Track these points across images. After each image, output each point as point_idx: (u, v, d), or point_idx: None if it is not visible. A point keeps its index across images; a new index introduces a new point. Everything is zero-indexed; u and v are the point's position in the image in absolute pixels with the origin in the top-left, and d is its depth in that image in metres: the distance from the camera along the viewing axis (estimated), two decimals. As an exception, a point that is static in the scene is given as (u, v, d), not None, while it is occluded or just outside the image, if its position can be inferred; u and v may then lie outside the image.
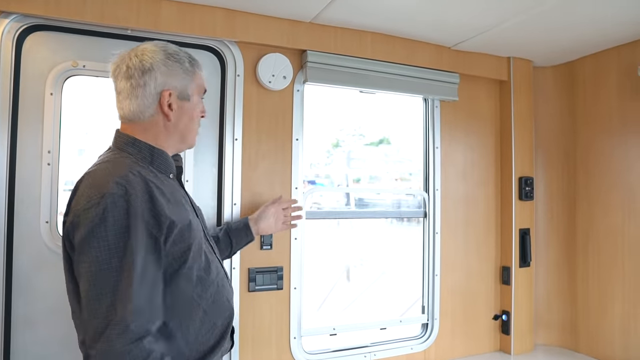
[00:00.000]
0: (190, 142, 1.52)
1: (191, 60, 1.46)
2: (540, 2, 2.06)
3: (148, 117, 1.40)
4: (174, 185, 1.47)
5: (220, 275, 1.50)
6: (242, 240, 2.03)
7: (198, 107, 1.49)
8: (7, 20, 1.85)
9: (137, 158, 1.38)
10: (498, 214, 2.87)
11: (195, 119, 1.49)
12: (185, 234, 1.34)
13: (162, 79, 1.38)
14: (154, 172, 1.39)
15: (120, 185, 1.23)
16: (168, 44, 1.45)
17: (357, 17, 2.27)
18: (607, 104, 2.64)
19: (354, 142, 11.46)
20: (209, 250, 1.51)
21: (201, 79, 1.50)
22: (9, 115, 1.87)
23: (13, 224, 1.88)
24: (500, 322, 2.83)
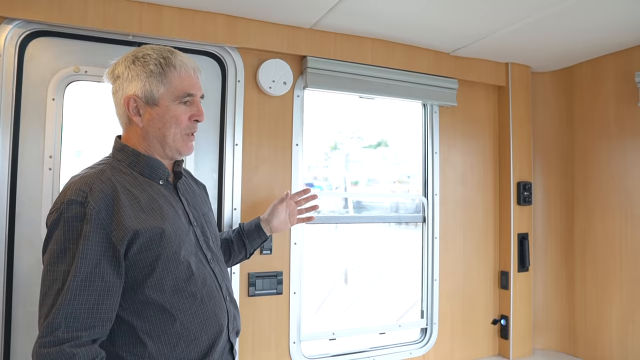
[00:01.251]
0: (176, 150, 1.45)
1: (161, 62, 1.39)
2: (538, 10, 2.08)
3: (125, 124, 1.44)
4: (162, 191, 1.43)
5: (207, 287, 1.43)
6: (255, 240, 1.96)
7: (171, 111, 1.41)
8: (10, 26, 1.86)
9: (123, 164, 1.40)
10: (497, 219, 2.89)
11: (171, 125, 1.41)
12: (154, 244, 1.32)
13: (125, 85, 1.39)
14: (138, 178, 1.39)
15: (81, 192, 1.26)
16: (148, 47, 1.42)
17: (356, 24, 2.29)
18: (605, 110, 2.66)
19: (352, 145, 11.48)
20: (199, 260, 1.45)
21: (177, 80, 1.40)
22: (12, 120, 1.88)
23: (14, 229, 1.88)
24: (498, 326, 2.85)
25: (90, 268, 1.22)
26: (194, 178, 1.78)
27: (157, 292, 1.32)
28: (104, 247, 1.24)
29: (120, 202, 1.29)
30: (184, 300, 1.36)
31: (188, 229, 1.45)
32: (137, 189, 1.36)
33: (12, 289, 1.87)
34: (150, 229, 1.31)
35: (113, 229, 1.26)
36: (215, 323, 1.42)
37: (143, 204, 1.34)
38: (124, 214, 1.27)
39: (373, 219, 3.09)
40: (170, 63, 1.40)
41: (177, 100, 1.41)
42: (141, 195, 1.35)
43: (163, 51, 1.42)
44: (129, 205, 1.30)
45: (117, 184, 1.32)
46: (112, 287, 1.26)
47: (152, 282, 1.32)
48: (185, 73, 1.42)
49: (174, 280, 1.35)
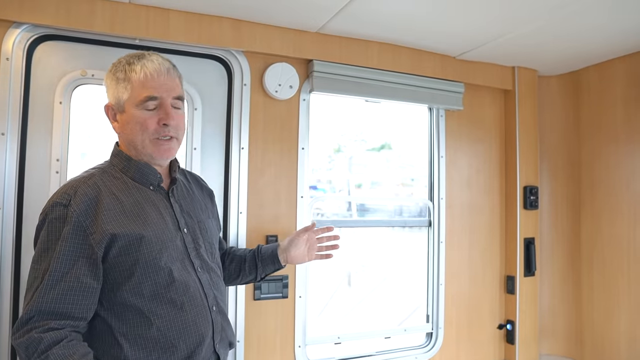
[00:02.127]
0: (148, 154, 1.43)
1: (126, 68, 1.40)
2: (545, 14, 2.07)
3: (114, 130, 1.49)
4: (150, 197, 1.45)
5: (190, 295, 1.41)
6: (268, 266, 1.85)
7: (138, 117, 1.39)
8: (19, 30, 1.87)
9: (117, 168, 1.45)
10: (503, 223, 2.88)
11: (139, 131, 1.40)
12: (133, 248, 1.34)
13: (107, 94, 1.46)
14: (128, 182, 1.43)
15: (66, 195, 1.33)
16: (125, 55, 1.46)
17: (362, 28, 2.29)
18: (613, 113, 2.65)
19: (356, 148, 11.49)
20: (184, 267, 1.43)
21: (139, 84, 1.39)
22: (19, 124, 1.89)
23: (21, 232, 1.89)
24: (504, 331, 2.83)
25: (66, 268, 1.28)
26: (201, 183, 1.78)
27: (135, 295, 1.35)
28: (81, 249, 1.30)
29: (102, 206, 1.33)
30: (162, 306, 1.37)
31: (175, 236, 1.45)
32: (124, 193, 1.40)
33: (19, 291, 1.88)
34: (129, 233, 1.34)
35: (93, 231, 1.30)
36: (195, 332, 1.41)
37: (126, 209, 1.37)
38: (104, 217, 1.32)
39: (379, 223, 3.09)
40: (133, 68, 1.40)
41: (140, 105, 1.40)
42: (127, 199, 1.39)
43: (132, 56, 1.44)
44: (111, 209, 1.34)
45: (104, 188, 1.37)
46: (87, 288, 1.30)
47: (130, 285, 1.35)
48: (145, 77, 1.39)
49: (153, 286, 1.36)
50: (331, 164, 11.36)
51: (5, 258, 1.85)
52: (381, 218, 6.99)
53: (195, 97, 2.18)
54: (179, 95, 1.47)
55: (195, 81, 2.19)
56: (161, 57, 1.46)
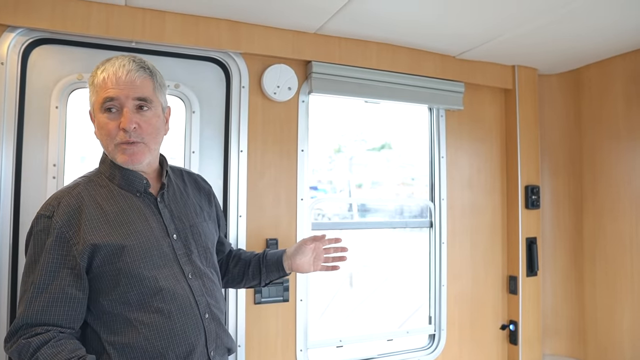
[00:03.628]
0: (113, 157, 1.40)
1: (94, 72, 1.38)
2: (545, 13, 2.06)
3: None
4: (136, 204, 1.41)
5: (178, 303, 1.37)
6: (272, 273, 1.79)
7: (100, 121, 1.37)
8: (13, 34, 1.86)
9: (104, 176, 1.44)
10: (504, 223, 2.86)
11: (104, 136, 1.38)
12: (115, 258, 1.32)
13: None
14: (114, 190, 1.41)
15: (50, 207, 1.33)
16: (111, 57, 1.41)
17: (361, 28, 2.27)
18: (613, 111, 2.63)
19: (356, 148, 11.46)
20: (172, 274, 1.39)
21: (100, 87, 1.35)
22: (15, 129, 1.87)
23: (18, 239, 1.87)
24: (507, 332, 2.81)
25: (49, 279, 1.28)
26: (199, 184, 1.71)
27: (122, 304, 1.33)
28: (64, 260, 1.29)
29: (84, 216, 1.32)
30: (149, 315, 1.34)
31: (161, 243, 1.41)
32: (108, 202, 1.38)
33: (16, 298, 1.85)
34: (111, 243, 1.32)
35: (75, 242, 1.30)
36: (184, 341, 1.37)
37: (110, 218, 1.35)
38: (86, 228, 1.31)
39: (381, 225, 3.07)
40: (96, 72, 1.37)
41: (101, 109, 1.36)
42: (110, 208, 1.37)
43: (103, 61, 1.40)
44: (93, 219, 1.33)
45: (87, 198, 1.36)
46: (71, 298, 1.30)
47: (117, 294, 1.33)
48: (104, 79, 1.35)
49: (138, 295, 1.34)
50: (332, 165, 11.34)
51: (2, 265, 1.83)
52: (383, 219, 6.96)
53: (193, 100, 2.16)
54: (143, 95, 1.37)
55: (192, 84, 2.17)
56: (130, 58, 1.39)
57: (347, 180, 11.87)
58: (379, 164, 12.32)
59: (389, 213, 8.84)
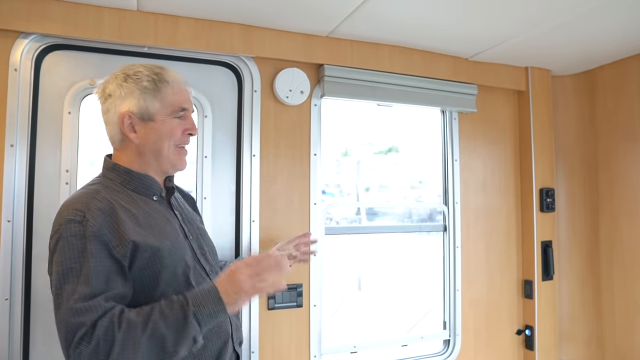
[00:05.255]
0: (170, 163, 1.45)
1: (154, 78, 1.40)
2: (559, 14, 2.03)
3: (119, 142, 1.42)
4: (157, 207, 1.43)
5: None
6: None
7: (166, 125, 1.41)
8: (27, 40, 1.86)
9: (116, 182, 1.40)
10: (519, 227, 2.82)
11: (165, 139, 1.42)
12: (155, 260, 1.31)
13: (119, 103, 1.38)
14: (132, 195, 1.39)
15: (78, 211, 1.25)
16: (136, 65, 1.43)
17: (373, 31, 2.25)
18: (630, 112, 2.60)
19: (363, 151, 11.44)
20: (198, 273, 1.44)
21: (171, 96, 1.41)
22: (28, 135, 1.87)
23: (32, 245, 1.86)
24: (523, 337, 2.77)
25: (102, 284, 1.21)
26: (182, 192, 1.75)
27: None
28: (110, 263, 1.24)
29: (120, 218, 1.28)
30: None
31: (185, 243, 1.45)
32: (132, 205, 1.36)
33: (30, 305, 1.85)
34: (149, 244, 1.31)
35: (115, 245, 1.25)
36: (221, 333, 1.43)
37: (140, 221, 1.34)
38: (124, 228, 1.27)
39: (394, 229, 3.05)
40: (163, 79, 1.41)
41: (173, 114, 1.42)
42: (137, 211, 1.36)
43: (154, 68, 1.43)
44: (127, 220, 1.30)
45: (114, 202, 1.32)
46: (125, 295, 1.27)
47: (156, 297, 1.31)
48: (178, 88, 1.44)
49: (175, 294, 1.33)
50: (339, 168, 11.32)
51: (17, 271, 1.83)
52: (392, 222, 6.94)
53: (205, 105, 2.15)
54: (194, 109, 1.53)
55: (204, 88, 2.16)
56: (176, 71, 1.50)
57: (354, 184, 11.85)
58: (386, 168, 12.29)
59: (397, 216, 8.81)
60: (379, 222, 10.22)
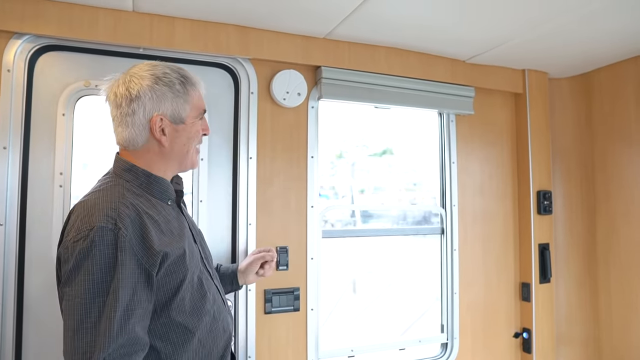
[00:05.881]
0: (190, 164, 1.47)
1: (183, 81, 1.39)
2: (555, 17, 2.03)
3: (142, 144, 1.37)
4: (171, 212, 1.42)
5: (217, 303, 1.46)
6: (226, 286, 1.86)
7: (194, 127, 1.43)
8: (20, 41, 1.83)
9: (134, 185, 1.36)
10: (516, 229, 2.82)
11: (192, 140, 1.44)
12: (178, 266, 1.31)
13: (150, 105, 1.34)
14: (151, 199, 1.36)
15: (109, 217, 1.21)
16: (158, 66, 1.39)
17: (371, 33, 2.24)
18: (626, 115, 2.60)
19: (358, 153, 11.43)
20: (206, 277, 1.46)
21: (197, 98, 1.44)
22: (21, 137, 1.84)
23: (24, 248, 1.84)
24: (521, 340, 2.77)
25: (129, 297, 1.18)
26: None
27: (179, 313, 1.32)
28: (137, 274, 1.21)
29: (147, 228, 1.25)
30: (201, 317, 1.37)
31: (195, 248, 1.46)
32: (153, 211, 1.34)
33: (22, 309, 1.82)
34: (174, 251, 1.31)
35: (143, 254, 1.23)
36: (224, 336, 1.47)
37: (162, 227, 1.33)
38: (152, 238, 1.25)
39: (392, 232, 3.03)
40: (191, 82, 1.42)
41: (198, 116, 1.45)
42: (159, 218, 1.34)
43: (179, 70, 1.42)
44: (154, 228, 1.28)
45: (138, 208, 1.29)
46: (147, 313, 1.24)
47: (175, 303, 1.31)
48: (200, 90, 1.46)
49: (191, 300, 1.36)
50: (333, 170, 11.29)
51: (9, 275, 1.80)
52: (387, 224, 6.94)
53: (201, 107, 2.13)
54: None
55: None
56: None
57: (349, 186, 11.83)
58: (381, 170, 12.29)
59: (391, 219, 8.81)
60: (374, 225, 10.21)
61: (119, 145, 1.42)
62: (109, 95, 1.38)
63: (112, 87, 1.38)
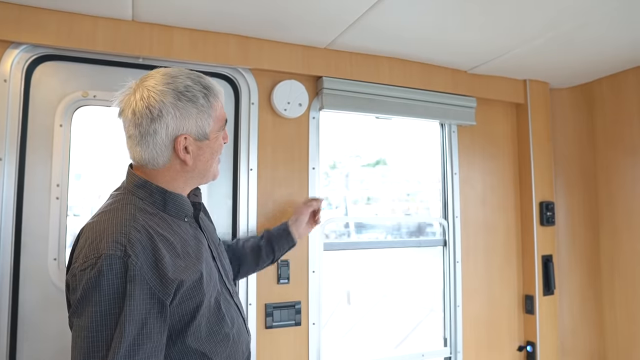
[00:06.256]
0: (212, 176, 1.40)
1: (206, 93, 1.29)
2: (557, 26, 2.02)
3: (163, 164, 1.28)
4: (188, 230, 1.33)
5: (236, 325, 1.37)
6: (284, 247, 1.94)
7: (217, 141, 1.35)
8: (17, 50, 1.80)
9: (147, 203, 1.27)
10: (519, 241, 2.79)
11: (215, 154, 1.37)
12: (195, 291, 1.23)
13: (174, 125, 1.24)
14: (166, 218, 1.28)
15: (119, 244, 1.12)
16: (178, 76, 1.27)
17: (373, 43, 2.22)
18: (628, 125, 2.59)
19: (351, 164, 11.41)
20: (225, 298, 1.37)
21: (220, 109, 1.34)
22: (17, 148, 1.80)
23: (19, 261, 1.79)
24: (525, 353, 2.73)
25: (137, 330, 1.10)
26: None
27: (195, 339, 1.24)
28: (149, 305, 1.13)
29: (160, 253, 1.17)
30: (219, 342, 1.30)
31: (214, 267, 1.37)
32: (168, 232, 1.25)
33: (17, 324, 1.77)
34: (190, 276, 1.22)
35: (157, 283, 1.14)
36: (243, 357, 1.41)
37: (178, 250, 1.23)
38: (166, 265, 1.16)
39: (393, 244, 3.00)
40: (213, 92, 1.32)
41: (221, 128, 1.36)
42: (174, 239, 1.25)
43: (200, 79, 1.31)
44: (167, 254, 1.19)
45: (151, 230, 1.20)
46: (158, 346, 1.15)
47: (191, 330, 1.23)
48: (222, 100, 1.37)
49: (207, 325, 1.27)
50: (327, 181, 11.24)
51: (3, 289, 1.75)
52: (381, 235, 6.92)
53: (201, 117, 2.09)
54: None
55: (201, 100, 2.10)
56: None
57: (343, 197, 11.80)
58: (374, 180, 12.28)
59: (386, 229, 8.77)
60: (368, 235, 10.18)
61: (135, 162, 1.32)
62: (124, 111, 1.27)
63: (128, 102, 1.26)
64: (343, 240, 7.03)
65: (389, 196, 12.42)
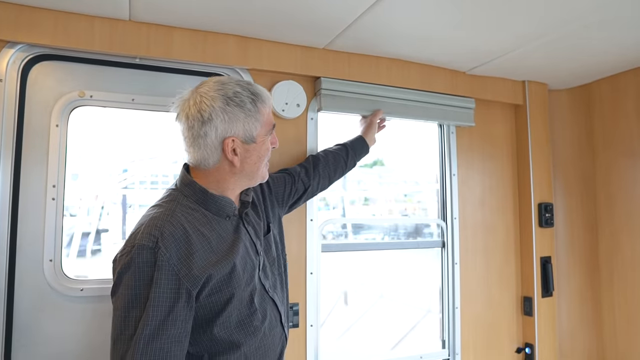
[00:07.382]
0: (261, 177, 1.49)
1: (254, 99, 1.39)
2: (556, 28, 2.01)
3: (213, 164, 1.39)
4: (228, 227, 1.43)
5: (269, 320, 1.47)
6: (361, 154, 2.20)
7: (265, 145, 1.44)
8: (13, 50, 1.78)
9: (191, 200, 1.39)
10: (518, 242, 2.78)
11: (263, 157, 1.45)
12: (225, 284, 1.33)
13: (222, 127, 1.35)
14: (206, 214, 1.39)
15: (152, 236, 1.25)
16: (228, 83, 1.38)
17: (371, 44, 2.21)
18: (627, 126, 2.59)
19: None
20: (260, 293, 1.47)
21: (267, 115, 1.44)
22: (13, 148, 1.78)
23: (15, 263, 1.77)
24: (523, 355, 2.72)
25: (163, 315, 1.21)
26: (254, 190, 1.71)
27: (224, 329, 1.35)
28: (176, 294, 1.23)
29: (192, 246, 1.28)
30: (249, 334, 1.40)
31: (255, 262, 1.47)
32: (206, 227, 1.36)
33: (12, 326, 1.76)
34: (221, 271, 1.32)
35: (185, 274, 1.25)
36: (273, 352, 1.51)
37: (213, 245, 1.35)
38: (196, 257, 1.28)
39: (392, 246, 2.99)
40: (261, 98, 1.41)
41: (268, 132, 1.45)
42: (211, 234, 1.36)
43: (249, 86, 1.41)
44: (200, 248, 1.30)
45: (188, 225, 1.32)
46: (183, 333, 1.25)
47: (220, 320, 1.34)
48: (270, 105, 1.46)
49: (238, 316, 1.38)
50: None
51: (-1, 290, 1.73)
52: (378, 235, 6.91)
53: (199, 118, 2.08)
54: None
55: (199, 101, 2.09)
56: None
57: (340, 197, 11.81)
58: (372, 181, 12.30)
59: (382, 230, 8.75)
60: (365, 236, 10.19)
61: (190, 164, 1.44)
62: (179, 115, 1.39)
63: (182, 107, 1.38)
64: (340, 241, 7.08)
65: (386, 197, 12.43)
